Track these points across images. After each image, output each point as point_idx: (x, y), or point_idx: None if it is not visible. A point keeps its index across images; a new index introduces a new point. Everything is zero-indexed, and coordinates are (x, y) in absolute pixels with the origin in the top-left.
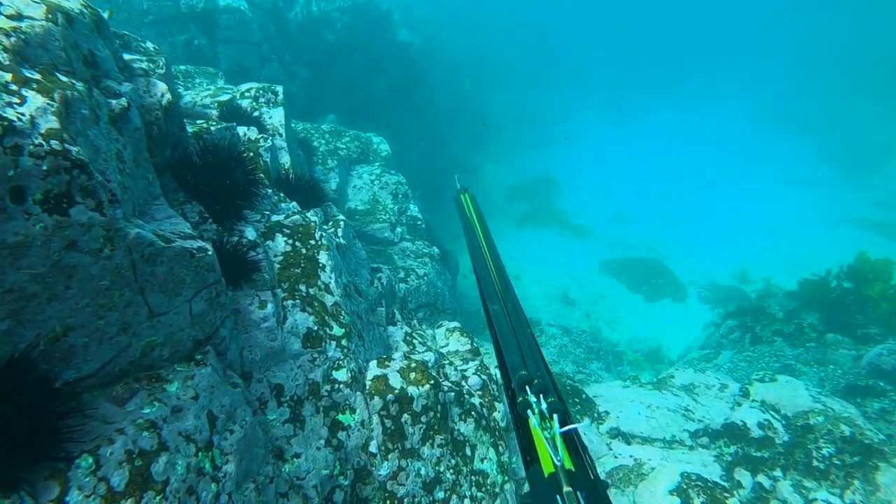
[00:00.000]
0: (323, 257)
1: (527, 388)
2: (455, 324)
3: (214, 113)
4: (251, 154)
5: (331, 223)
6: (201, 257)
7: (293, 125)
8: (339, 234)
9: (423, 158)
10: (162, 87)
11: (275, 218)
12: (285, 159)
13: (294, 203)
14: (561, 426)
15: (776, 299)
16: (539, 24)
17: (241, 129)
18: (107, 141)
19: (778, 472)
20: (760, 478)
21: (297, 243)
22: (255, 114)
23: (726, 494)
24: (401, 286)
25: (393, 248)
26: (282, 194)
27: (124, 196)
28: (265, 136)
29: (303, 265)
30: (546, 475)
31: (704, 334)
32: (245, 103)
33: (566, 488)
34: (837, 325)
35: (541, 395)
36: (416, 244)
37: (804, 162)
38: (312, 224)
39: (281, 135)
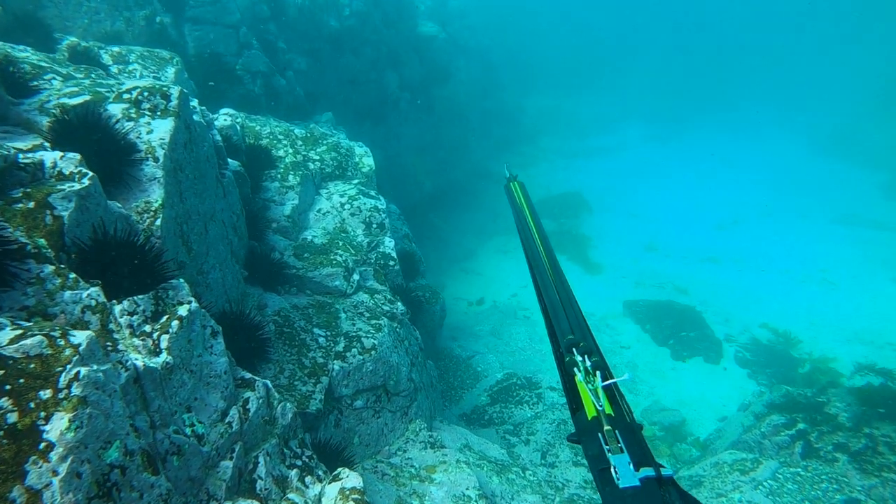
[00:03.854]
0: (56, 427)
1: (573, 349)
2: (356, 482)
3: (45, 123)
4: (29, 205)
5: (163, 320)
6: None
7: (258, 126)
8: (164, 344)
9: (437, 165)
10: None
11: None
12: (156, 195)
13: (93, 290)
14: (602, 381)
15: (839, 393)
16: (582, 24)
17: (50, 157)
18: None
19: None
20: None
21: (5, 401)
22: (124, 126)
23: None
24: (335, 365)
25: (343, 301)
26: (72, 276)
27: None
28: (83, 170)
29: None
30: (589, 418)
31: (741, 420)
32: (114, 109)
33: (606, 427)
34: None
35: (585, 356)
36: (376, 298)
37: (868, 198)
38: (64, 354)
39: (156, 159)
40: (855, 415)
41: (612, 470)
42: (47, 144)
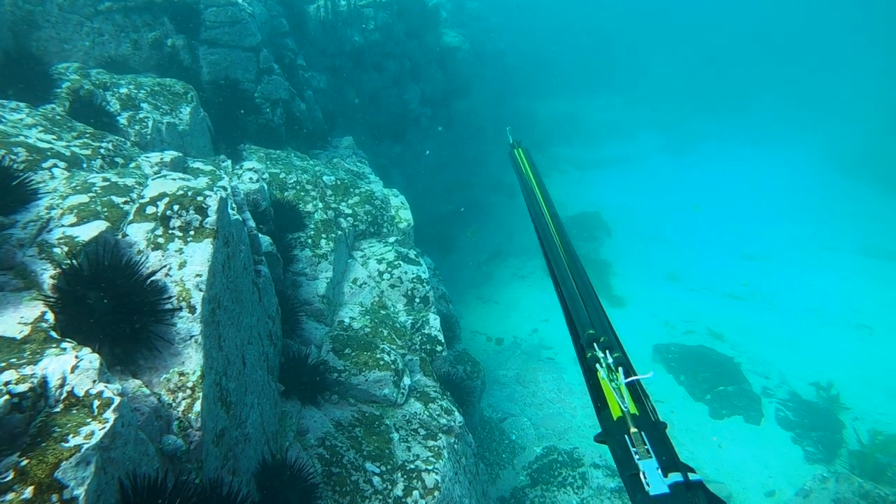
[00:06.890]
0: None
1: (594, 344)
2: None
3: (48, 280)
4: (24, 495)
5: None
6: None
7: (282, 173)
8: None
9: (456, 182)
10: None
11: None
12: (193, 363)
13: None
14: (625, 377)
15: None
16: (596, 26)
17: (56, 369)
18: None
19: None
20: None
21: None
22: (149, 259)
23: None
24: None
25: (394, 414)
26: None
27: None
28: (104, 391)
29: None
30: (615, 419)
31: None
32: (135, 232)
33: (633, 429)
34: None
35: (607, 351)
36: (431, 408)
37: None
38: None
39: (192, 308)
40: None
41: (642, 476)
42: (50, 318)
